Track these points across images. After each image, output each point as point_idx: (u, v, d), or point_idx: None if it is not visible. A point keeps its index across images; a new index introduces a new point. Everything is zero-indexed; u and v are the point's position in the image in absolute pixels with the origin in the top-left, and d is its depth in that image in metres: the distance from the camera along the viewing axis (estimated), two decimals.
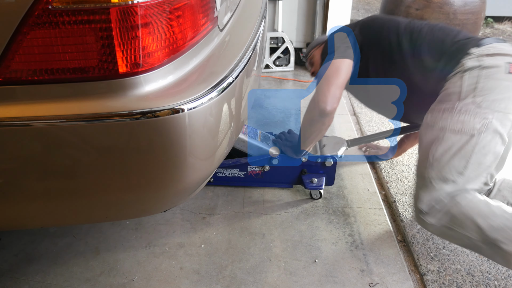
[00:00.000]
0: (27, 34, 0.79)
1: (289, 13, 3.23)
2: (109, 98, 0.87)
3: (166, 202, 1.14)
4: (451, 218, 1.32)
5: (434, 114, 1.40)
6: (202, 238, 1.63)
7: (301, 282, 1.44)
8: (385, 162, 2.11)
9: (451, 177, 1.33)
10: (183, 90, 0.92)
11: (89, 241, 1.61)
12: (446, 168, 1.33)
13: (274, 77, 3.12)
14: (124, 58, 0.84)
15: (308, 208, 1.80)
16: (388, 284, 1.43)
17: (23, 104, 0.85)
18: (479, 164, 1.32)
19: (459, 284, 1.43)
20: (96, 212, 1.10)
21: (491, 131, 1.30)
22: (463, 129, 1.32)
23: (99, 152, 0.92)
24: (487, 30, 4.53)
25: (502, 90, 1.32)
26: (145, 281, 1.44)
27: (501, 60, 1.36)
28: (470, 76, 1.36)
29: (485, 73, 1.35)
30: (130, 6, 0.80)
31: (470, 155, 1.31)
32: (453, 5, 2.78)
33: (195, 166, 1.02)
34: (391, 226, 1.71)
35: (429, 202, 1.35)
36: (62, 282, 1.44)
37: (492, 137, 1.30)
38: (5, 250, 1.56)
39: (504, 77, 1.33)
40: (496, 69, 1.34)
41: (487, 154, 1.31)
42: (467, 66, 1.38)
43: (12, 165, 0.91)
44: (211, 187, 1.91)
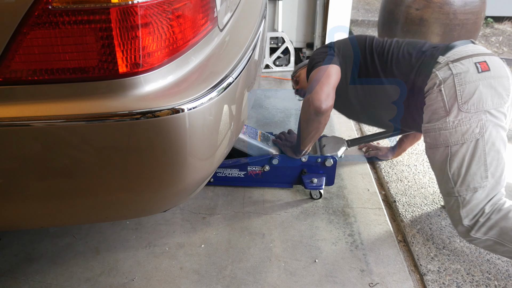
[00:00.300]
0: (27, 34, 0.79)
1: (289, 13, 3.23)
2: (109, 98, 0.87)
3: (166, 202, 1.14)
4: (498, 231, 1.35)
5: (432, 135, 1.44)
6: (202, 238, 1.63)
7: (301, 282, 1.44)
8: (385, 162, 2.11)
9: (478, 184, 1.35)
10: (183, 90, 0.92)
11: (89, 241, 1.61)
12: (469, 178, 1.36)
13: (274, 77, 3.12)
14: (124, 58, 0.84)
15: (308, 208, 1.80)
16: (388, 284, 1.43)
17: (23, 104, 0.85)
18: (497, 159, 1.35)
19: (459, 284, 1.43)
20: (96, 212, 1.10)
21: (491, 127, 1.35)
22: (466, 138, 1.36)
23: (99, 152, 0.92)
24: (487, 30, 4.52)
25: (481, 90, 1.36)
26: (145, 281, 1.44)
27: (469, 62, 1.41)
28: (446, 87, 1.41)
29: (458, 80, 1.39)
30: (130, 6, 0.80)
31: (485, 156, 1.35)
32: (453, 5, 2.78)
33: (195, 166, 1.02)
34: (391, 226, 1.71)
35: (470, 216, 1.38)
36: (62, 282, 1.44)
37: (495, 131, 1.35)
38: (5, 250, 1.56)
39: (478, 77, 1.38)
40: (467, 73, 1.39)
41: (498, 146, 1.35)
42: (440, 78, 1.43)
43: (12, 165, 0.91)
44: (211, 187, 1.91)
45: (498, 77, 1.38)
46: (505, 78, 1.39)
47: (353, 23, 4.40)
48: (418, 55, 1.53)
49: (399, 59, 1.56)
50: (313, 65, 1.63)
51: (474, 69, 1.39)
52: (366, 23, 4.45)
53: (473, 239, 1.40)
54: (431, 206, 1.79)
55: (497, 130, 1.36)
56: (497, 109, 1.36)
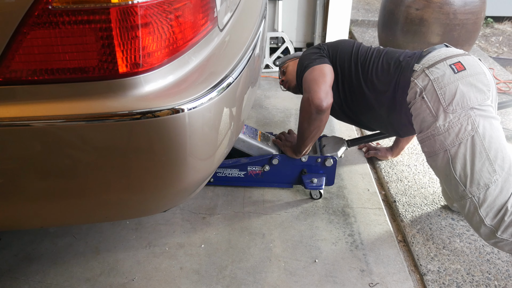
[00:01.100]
0: (27, 34, 0.79)
1: (289, 13, 3.23)
2: (109, 98, 0.87)
3: (166, 202, 1.14)
4: None
5: (428, 143, 1.44)
6: (202, 238, 1.63)
7: (301, 282, 1.44)
8: (385, 162, 2.11)
9: (487, 180, 1.33)
10: (183, 90, 0.92)
11: (89, 241, 1.61)
12: (476, 176, 1.34)
13: (274, 77, 3.11)
14: (124, 58, 0.84)
15: (308, 208, 1.80)
16: (388, 284, 1.43)
17: (23, 104, 0.85)
18: (501, 150, 1.34)
19: (459, 284, 1.43)
20: (96, 212, 1.10)
21: (482, 121, 1.35)
22: (461, 138, 1.36)
23: (99, 152, 0.92)
24: (487, 30, 4.52)
25: (462, 89, 1.37)
26: (145, 281, 1.44)
27: (444, 65, 1.43)
28: (428, 94, 1.42)
29: (437, 84, 1.40)
30: (130, 6, 0.80)
31: (486, 151, 1.33)
32: (453, 5, 2.77)
33: (195, 166, 1.02)
34: (391, 226, 1.71)
35: (491, 214, 1.34)
36: (62, 282, 1.44)
37: (488, 124, 1.35)
38: (5, 250, 1.56)
39: (455, 78, 1.39)
40: (444, 76, 1.40)
41: (497, 138, 1.35)
42: (420, 86, 1.44)
43: (12, 165, 0.91)
44: (211, 187, 1.91)
45: (475, 74, 1.39)
46: (482, 75, 1.40)
47: (353, 23, 4.40)
48: (396, 65, 1.55)
49: (378, 69, 1.58)
50: (306, 66, 1.65)
51: (450, 71, 1.40)
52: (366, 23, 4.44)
53: (500, 240, 1.35)
54: (431, 206, 1.79)
55: (490, 122, 1.35)
56: (482, 104, 1.36)
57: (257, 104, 2.72)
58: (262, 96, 2.84)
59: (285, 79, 1.92)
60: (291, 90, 1.94)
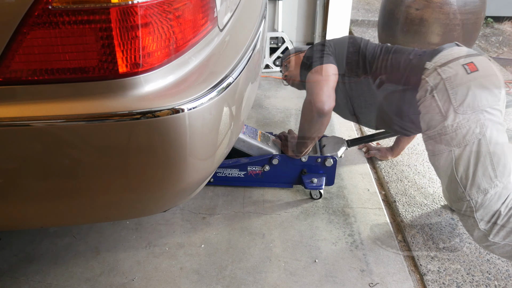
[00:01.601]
0: (27, 34, 0.79)
1: (289, 13, 3.23)
2: (109, 98, 0.87)
3: (166, 202, 1.14)
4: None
5: (433, 142, 1.43)
6: (202, 238, 1.63)
7: (301, 282, 1.44)
8: (385, 162, 2.11)
9: (488, 184, 1.33)
10: (183, 90, 0.91)
11: (89, 241, 1.61)
12: (478, 179, 1.34)
13: (274, 77, 3.11)
14: (124, 58, 0.84)
15: (308, 208, 1.80)
16: (388, 284, 1.43)
17: (23, 104, 0.85)
18: (504, 157, 1.33)
19: (459, 284, 1.43)
20: (96, 212, 1.10)
21: (491, 125, 1.34)
22: (468, 140, 1.35)
23: (99, 152, 0.92)
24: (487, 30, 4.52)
25: (474, 90, 1.36)
26: (145, 281, 1.44)
27: (457, 65, 1.41)
28: (439, 92, 1.40)
29: (449, 83, 1.39)
30: (130, 6, 0.80)
31: (490, 156, 1.33)
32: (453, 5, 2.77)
33: (195, 166, 1.02)
34: (391, 226, 1.71)
35: (486, 219, 1.35)
36: (62, 282, 1.44)
37: (495, 129, 1.34)
38: (5, 250, 1.56)
39: (468, 78, 1.37)
40: (456, 75, 1.39)
41: (502, 144, 1.34)
42: (431, 84, 1.42)
43: (12, 165, 0.91)
44: (211, 187, 1.91)
45: (488, 76, 1.39)
46: (494, 76, 1.39)
47: (353, 23, 4.40)
48: (406, 63, 1.54)
49: (388, 67, 1.57)
50: (311, 64, 1.64)
51: (463, 71, 1.39)
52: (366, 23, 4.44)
53: (491, 244, 1.36)
54: (431, 206, 1.79)
55: (497, 128, 1.35)
56: (492, 107, 1.35)
57: (257, 104, 2.72)
58: (262, 96, 2.84)
59: (288, 74, 1.91)
60: (295, 86, 1.93)
